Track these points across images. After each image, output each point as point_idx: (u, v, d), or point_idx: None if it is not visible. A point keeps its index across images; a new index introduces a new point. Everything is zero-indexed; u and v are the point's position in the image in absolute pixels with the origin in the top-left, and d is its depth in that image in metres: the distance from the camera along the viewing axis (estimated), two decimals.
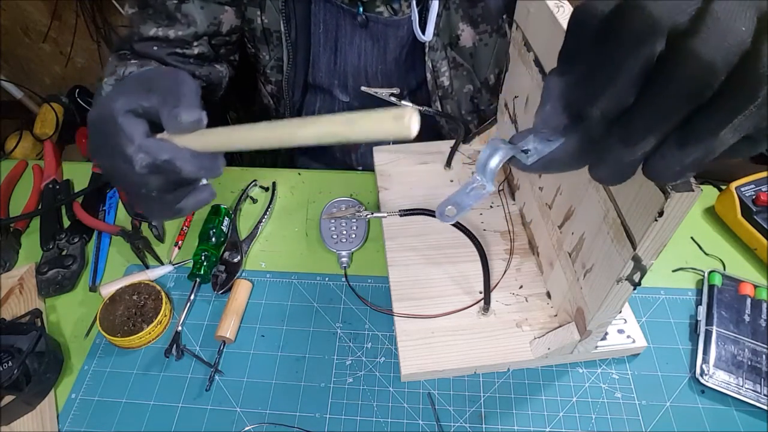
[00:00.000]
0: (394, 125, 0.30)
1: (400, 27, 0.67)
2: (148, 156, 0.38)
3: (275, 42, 0.69)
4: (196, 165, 0.39)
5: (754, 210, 0.62)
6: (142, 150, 0.38)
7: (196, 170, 0.39)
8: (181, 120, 0.38)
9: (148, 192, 0.41)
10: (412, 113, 0.30)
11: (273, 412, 0.51)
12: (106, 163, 0.41)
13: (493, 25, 0.68)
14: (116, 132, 0.39)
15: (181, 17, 0.65)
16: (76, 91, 1.70)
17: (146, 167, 0.38)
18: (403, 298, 0.57)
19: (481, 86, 0.74)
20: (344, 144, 0.80)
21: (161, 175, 0.39)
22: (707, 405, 0.51)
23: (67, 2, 1.68)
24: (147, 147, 0.38)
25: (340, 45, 0.70)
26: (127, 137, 0.38)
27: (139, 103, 0.40)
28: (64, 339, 0.58)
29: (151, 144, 0.38)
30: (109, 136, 0.39)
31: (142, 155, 0.38)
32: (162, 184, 0.40)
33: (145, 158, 0.38)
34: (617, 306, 0.44)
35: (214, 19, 0.67)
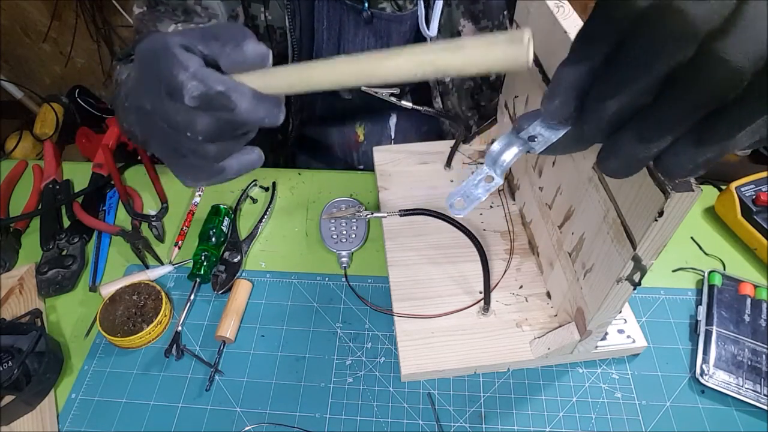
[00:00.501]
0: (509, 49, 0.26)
1: (403, 23, 0.67)
2: (202, 85, 0.33)
3: (278, 39, 0.69)
4: (254, 104, 0.34)
5: (754, 210, 0.62)
6: (196, 78, 0.33)
7: (253, 110, 0.34)
8: (246, 50, 0.34)
9: (193, 137, 0.35)
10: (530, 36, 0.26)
11: (273, 412, 0.51)
12: (148, 103, 0.37)
13: (495, 21, 0.68)
14: (169, 60, 0.34)
15: (202, 10, 0.65)
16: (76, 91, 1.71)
17: (198, 98, 0.33)
18: (403, 298, 0.57)
19: (482, 82, 0.74)
20: (345, 142, 0.80)
21: (212, 113, 0.34)
22: (707, 405, 0.51)
23: (67, 2, 1.69)
24: (202, 75, 0.33)
25: (344, 42, 0.70)
26: (182, 64, 0.34)
27: (198, 46, 0.35)
28: (64, 339, 0.58)
29: (207, 72, 0.33)
30: (160, 65, 0.34)
31: (195, 83, 0.33)
32: (211, 126, 0.35)
33: (198, 87, 0.33)
34: (617, 306, 0.44)
35: (232, 11, 0.67)
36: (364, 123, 0.79)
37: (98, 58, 1.86)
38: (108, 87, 1.96)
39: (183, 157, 0.38)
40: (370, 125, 0.79)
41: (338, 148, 0.82)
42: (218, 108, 0.34)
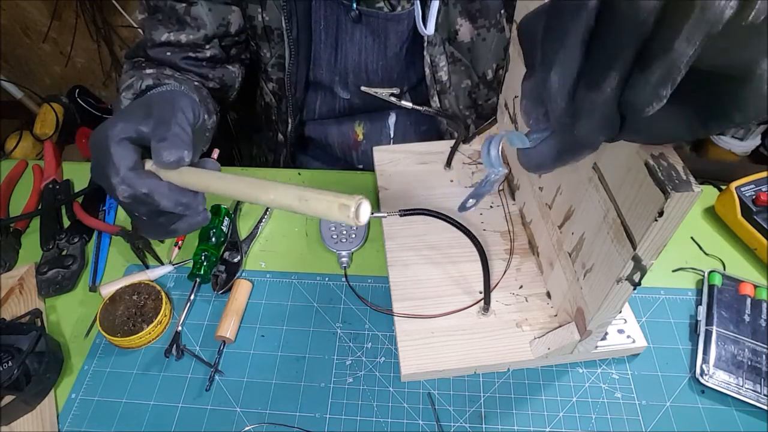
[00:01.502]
0: (339, 214, 0.33)
1: (400, 22, 0.67)
2: (130, 188, 0.42)
3: (276, 39, 0.69)
4: (173, 200, 0.42)
5: (754, 210, 0.62)
6: (125, 182, 0.41)
7: (173, 206, 0.42)
8: (162, 159, 0.41)
9: (139, 216, 0.44)
10: (359, 204, 0.33)
11: (273, 412, 0.51)
12: (104, 185, 0.44)
13: (492, 20, 0.68)
14: (107, 159, 0.42)
15: (191, 20, 0.66)
16: (76, 91, 1.71)
17: (128, 198, 0.42)
18: (403, 298, 0.57)
19: (479, 81, 0.74)
20: (344, 142, 0.80)
21: (144, 204, 0.42)
22: (707, 405, 0.51)
23: (67, 2, 1.69)
24: (129, 179, 0.41)
25: (341, 41, 0.70)
26: (114, 167, 0.41)
27: (137, 128, 0.43)
28: (64, 339, 0.58)
29: (132, 177, 0.42)
30: (102, 162, 0.42)
31: (124, 187, 0.41)
32: (148, 211, 0.43)
33: (126, 190, 0.42)
34: (617, 306, 0.44)
35: (222, 20, 0.68)
36: (363, 122, 0.79)
37: (98, 58, 1.86)
38: (108, 87, 1.96)
39: (139, 222, 0.46)
40: (369, 124, 0.79)
41: (337, 148, 0.82)
42: (146, 204, 0.42)
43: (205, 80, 0.71)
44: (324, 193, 0.34)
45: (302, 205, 0.35)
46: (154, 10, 0.66)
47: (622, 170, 0.38)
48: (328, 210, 0.34)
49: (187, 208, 0.43)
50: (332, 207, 0.34)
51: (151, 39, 0.67)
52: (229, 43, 0.71)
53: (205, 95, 0.69)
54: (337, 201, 0.33)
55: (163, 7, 0.65)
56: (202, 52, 0.68)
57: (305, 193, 0.35)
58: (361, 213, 0.33)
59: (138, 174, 0.42)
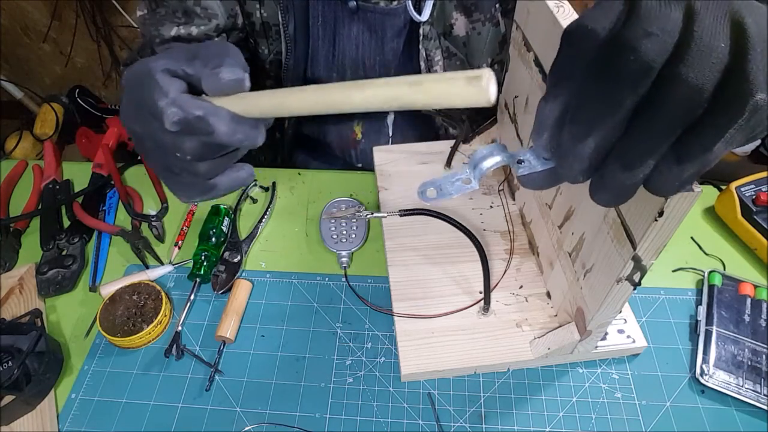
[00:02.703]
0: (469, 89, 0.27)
1: (397, 16, 0.67)
2: (181, 111, 0.35)
3: (274, 36, 0.69)
4: (232, 128, 0.36)
5: (754, 210, 0.62)
6: (175, 104, 0.36)
7: (232, 133, 0.36)
8: (221, 77, 0.35)
9: (182, 157, 0.37)
10: (490, 76, 0.27)
11: (273, 412, 0.51)
12: (137, 127, 0.39)
13: (486, 14, 0.67)
14: (151, 87, 0.36)
15: (201, 11, 0.64)
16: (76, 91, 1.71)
17: (178, 123, 0.36)
18: (403, 298, 0.57)
19: None
20: (343, 141, 0.80)
21: (195, 136, 0.36)
22: (707, 405, 0.51)
23: (67, 2, 1.69)
24: (181, 101, 0.36)
25: (338, 37, 0.70)
26: (162, 91, 0.36)
27: (181, 67, 0.38)
28: (64, 339, 0.58)
29: (185, 99, 0.36)
30: (143, 91, 0.37)
31: (174, 109, 0.35)
32: (196, 147, 0.37)
33: (177, 113, 0.35)
34: (617, 306, 0.44)
35: (231, 11, 0.67)
36: (361, 121, 0.79)
37: (98, 58, 1.86)
38: (108, 87, 1.96)
39: (176, 175, 0.40)
40: (367, 123, 0.79)
41: (336, 147, 0.82)
42: (199, 132, 0.36)
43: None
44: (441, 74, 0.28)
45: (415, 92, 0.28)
46: (156, 5, 0.64)
47: None
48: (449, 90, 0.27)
49: (246, 139, 0.37)
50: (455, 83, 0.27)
51: (159, 35, 0.64)
52: (235, 39, 0.70)
53: None
54: (462, 75, 0.27)
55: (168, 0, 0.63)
56: None
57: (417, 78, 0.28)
58: (491, 85, 0.27)
59: (189, 97, 0.36)
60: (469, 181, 0.33)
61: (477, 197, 0.67)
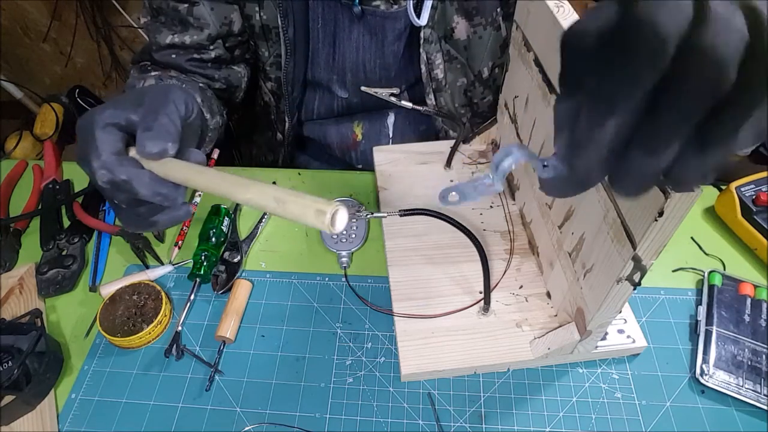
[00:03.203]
0: (315, 219, 0.32)
1: (397, 19, 0.67)
2: (109, 173, 0.40)
3: (274, 38, 0.69)
4: (152, 190, 0.41)
5: (754, 210, 0.62)
6: (105, 167, 0.40)
7: (152, 195, 0.41)
8: (145, 149, 0.40)
9: (122, 203, 0.43)
10: (335, 211, 0.32)
11: (273, 412, 0.51)
12: (86, 170, 0.43)
13: (488, 18, 0.67)
14: (91, 143, 0.41)
15: (194, 21, 0.66)
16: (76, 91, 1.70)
17: (107, 183, 0.41)
18: (403, 298, 0.57)
19: (475, 79, 0.74)
20: (343, 142, 0.80)
21: (120, 191, 0.41)
22: (707, 405, 0.51)
23: (67, 2, 1.69)
24: (109, 164, 0.40)
25: (339, 40, 0.70)
26: (96, 151, 0.40)
27: (126, 116, 0.42)
28: (64, 339, 0.58)
29: (113, 162, 0.40)
30: (86, 146, 0.41)
31: (103, 171, 0.40)
32: (126, 199, 0.42)
33: (105, 175, 0.40)
34: (617, 306, 0.44)
35: (225, 19, 0.68)
36: (361, 122, 0.79)
37: (98, 58, 1.86)
38: (108, 87, 1.96)
39: (122, 210, 0.44)
40: (368, 124, 0.79)
41: (336, 148, 0.82)
42: (124, 191, 0.41)
43: (211, 81, 0.71)
44: (302, 196, 0.33)
45: (279, 207, 0.34)
46: (156, 13, 0.66)
47: None
48: (304, 214, 0.33)
49: (165, 200, 0.42)
50: (308, 212, 0.33)
51: (156, 42, 0.67)
52: (233, 43, 0.71)
53: (209, 96, 0.69)
54: (314, 206, 0.32)
55: (165, 9, 0.65)
56: (207, 53, 0.69)
57: (282, 195, 0.34)
58: (337, 220, 0.32)
59: (119, 160, 0.41)
60: (492, 184, 0.34)
61: None
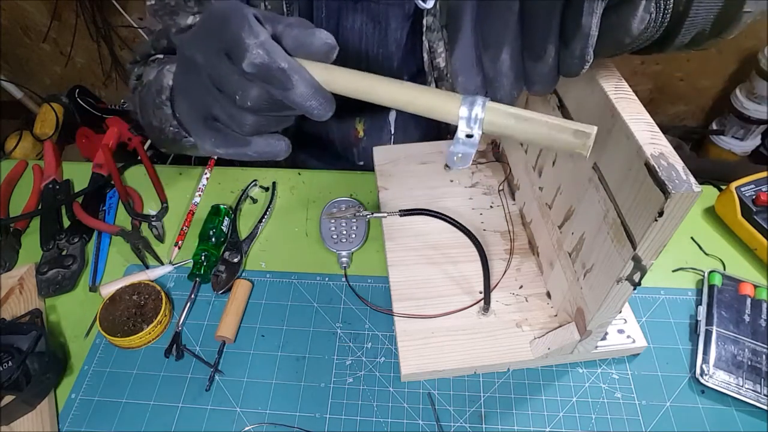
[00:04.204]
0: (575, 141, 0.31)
1: (400, 6, 0.67)
2: (267, 56, 0.33)
3: None
4: (310, 92, 0.34)
5: (754, 210, 0.62)
6: (263, 47, 0.33)
7: (308, 97, 0.34)
8: (317, 36, 0.34)
9: (239, 102, 0.35)
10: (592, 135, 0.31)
11: (273, 412, 0.51)
12: (201, 56, 0.36)
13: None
14: (241, 23, 0.34)
15: None
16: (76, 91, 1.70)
17: (257, 66, 0.33)
18: (403, 298, 0.57)
19: None
20: (345, 138, 0.80)
21: (265, 85, 0.35)
22: (707, 405, 0.51)
23: (67, 2, 1.69)
24: (270, 47, 0.33)
25: (341, 29, 0.70)
26: (252, 30, 0.34)
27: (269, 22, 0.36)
28: (64, 339, 0.58)
29: (275, 47, 0.34)
30: (230, 24, 0.34)
31: (260, 51, 0.33)
32: (260, 97, 0.35)
33: (262, 56, 0.33)
34: (617, 306, 0.44)
35: None
36: (363, 119, 0.79)
37: (98, 58, 1.86)
38: (108, 87, 1.96)
39: (214, 120, 0.37)
40: (369, 121, 0.79)
41: (338, 144, 0.81)
42: (274, 83, 0.34)
43: None
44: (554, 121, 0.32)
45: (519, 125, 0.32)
46: None
47: (622, 170, 0.38)
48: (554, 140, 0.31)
49: (321, 106, 0.35)
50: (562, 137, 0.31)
51: (175, 24, 0.64)
52: None
53: None
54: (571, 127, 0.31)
55: None
56: None
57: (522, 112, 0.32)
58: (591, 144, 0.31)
59: (279, 47, 0.34)
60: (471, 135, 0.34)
61: (477, 197, 0.67)
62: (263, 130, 0.38)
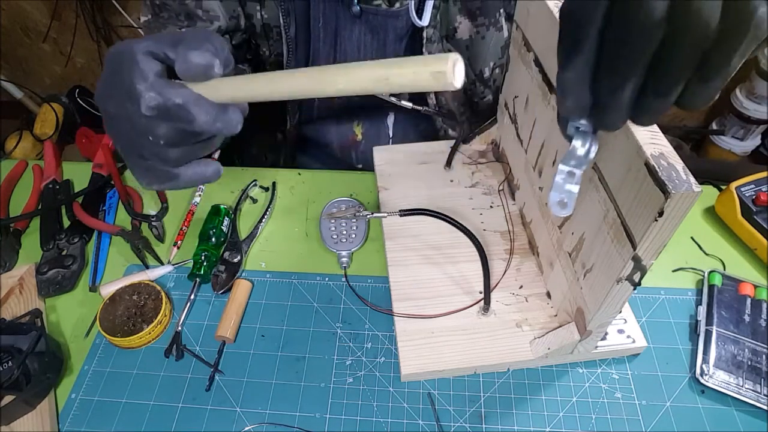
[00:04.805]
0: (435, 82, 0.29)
1: (399, 18, 0.67)
2: (159, 96, 0.35)
3: (275, 37, 0.69)
4: (212, 115, 0.35)
5: (754, 210, 0.62)
6: (154, 89, 0.35)
7: (212, 120, 0.35)
8: (190, 59, 0.35)
9: (154, 141, 0.37)
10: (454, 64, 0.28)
11: (273, 412, 0.51)
12: (111, 107, 0.38)
13: (491, 19, 0.67)
14: (131, 68, 0.36)
15: (203, 14, 0.64)
16: (76, 91, 1.71)
17: (155, 108, 0.35)
18: (403, 298, 0.57)
19: (476, 78, 0.74)
20: (343, 142, 0.80)
21: (170, 122, 0.36)
22: (707, 405, 0.51)
23: (67, 2, 1.69)
24: (160, 87, 0.35)
25: (340, 39, 0.70)
26: (141, 74, 0.35)
27: (163, 50, 0.37)
28: (64, 339, 0.58)
29: (164, 84, 0.35)
30: (122, 71, 0.36)
31: (152, 94, 0.35)
32: (170, 133, 0.37)
33: (155, 98, 0.35)
34: (617, 306, 0.44)
35: (233, 12, 0.67)
36: (361, 122, 0.79)
37: (98, 58, 1.86)
38: None
39: (143, 159, 0.39)
40: (367, 124, 0.79)
41: (336, 148, 0.82)
42: (177, 119, 0.36)
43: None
44: (404, 63, 0.29)
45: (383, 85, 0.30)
46: (159, 10, 0.65)
47: (622, 170, 0.38)
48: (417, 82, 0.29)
49: (226, 125, 0.36)
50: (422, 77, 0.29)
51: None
52: (238, 40, 0.70)
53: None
54: (427, 69, 0.28)
55: (171, 4, 0.64)
56: None
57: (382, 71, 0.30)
58: (457, 73, 0.28)
59: (168, 82, 0.35)
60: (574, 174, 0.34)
61: (477, 197, 0.67)
62: (190, 158, 0.40)
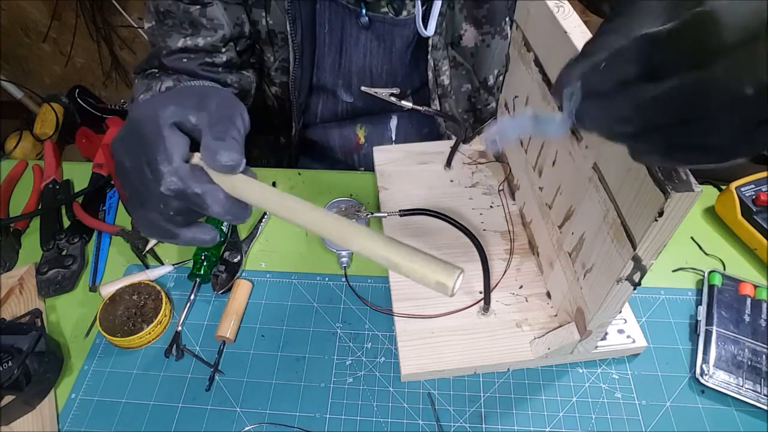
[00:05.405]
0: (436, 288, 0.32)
1: (405, 26, 0.67)
2: (181, 183, 0.37)
3: (280, 43, 0.69)
4: (225, 208, 0.38)
5: (754, 210, 0.62)
6: (177, 175, 0.37)
7: (224, 213, 0.38)
8: (219, 160, 0.37)
9: (165, 211, 0.39)
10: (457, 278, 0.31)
11: (273, 412, 0.51)
12: (129, 162, 0.39)
13: (497, 27, 0.68)
14: (157, 142, 0.37)
15: (207, 22, 0.64)
16: (76, 91, 1.71)
17: (173, 191, 0.37)
18: (403, 298, 0.57)
19: (480, 86, 0.74)
20: (346, 145, 0.80)
21: (183, 202, 0.38)
22: (707, 405, 0.51)
23: (67, 2, 1.69)
24: (183, 173, 0.37)
25: (345, 45, 0.70)
26: (167, 155, 0.37)
27: (188, 117, 0.38)
28: (64, 339, 0.58)
29: (187, 172, 0.37)
30: (148, 143, 0.38)
31: (174, 179, 0.37)
32: (179, 209, 0.39)
33: (176, 183, 0.37)
34: (617, 306, 0.44)
35: (237, 19, 0.66)
36: (364, 125, 0.79)
37: (98, 58, 1.86)
38: (108, 87, 1.96)
39: (147, 212, 0.40)
40: (370, 127, 0.79)
41: (339, 151, 0.82)
42: (190, 204, 0.38)
43: (224, 87, 0.69)
44: (416, 259, 0.33)
45: (389, 266, 0.33)
46: (163, 17, 0.64)
47: (622, 170, 0.38)
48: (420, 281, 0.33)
49: (236, 218, 0.39)
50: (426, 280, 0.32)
51: (166, 47, 0.64)
52: (243, 47, 0.69)
53: None
54: (434, 277, 0.32)
55: (175, 12, 0.63)
56: (219, 56, 0.66)
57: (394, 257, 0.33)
58: (457, 284, 0.32)
59: (192, 170, 0.37)
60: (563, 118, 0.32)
61: (477, 197, 0.67)
62: (190, 222, 0.41)
